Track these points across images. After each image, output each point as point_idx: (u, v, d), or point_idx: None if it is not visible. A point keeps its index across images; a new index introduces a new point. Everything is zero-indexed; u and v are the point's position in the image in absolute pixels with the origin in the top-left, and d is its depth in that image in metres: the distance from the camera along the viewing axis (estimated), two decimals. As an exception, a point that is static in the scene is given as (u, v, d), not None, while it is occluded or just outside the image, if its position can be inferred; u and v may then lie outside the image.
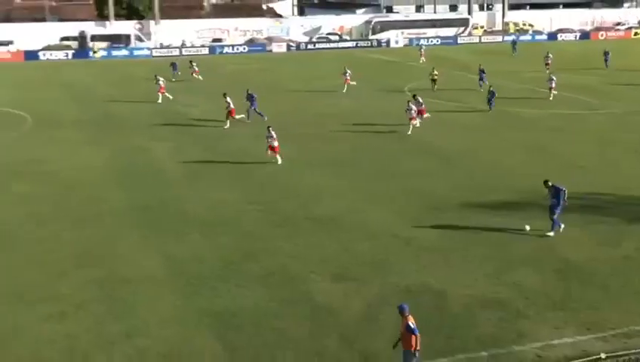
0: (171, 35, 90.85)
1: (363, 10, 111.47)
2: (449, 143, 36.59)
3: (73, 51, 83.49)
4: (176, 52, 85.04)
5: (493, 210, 25.93)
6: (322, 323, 17.77)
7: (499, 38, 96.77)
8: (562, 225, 23.17)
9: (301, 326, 17.61)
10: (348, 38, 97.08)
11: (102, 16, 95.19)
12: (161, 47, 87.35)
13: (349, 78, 54.06)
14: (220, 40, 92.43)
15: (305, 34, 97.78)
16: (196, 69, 61.56)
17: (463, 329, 17.30)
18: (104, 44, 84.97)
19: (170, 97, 49.71)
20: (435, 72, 53.86)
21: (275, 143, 32.42)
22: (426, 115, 40.60)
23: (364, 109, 46.03)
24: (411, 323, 14.60)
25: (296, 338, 17.00)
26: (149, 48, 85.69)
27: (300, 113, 45.59)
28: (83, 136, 39.72)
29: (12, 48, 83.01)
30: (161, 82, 50.43)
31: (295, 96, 52.67)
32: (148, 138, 38.90)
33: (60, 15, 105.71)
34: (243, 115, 41.91)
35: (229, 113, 41.08)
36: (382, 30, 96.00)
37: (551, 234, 23.05)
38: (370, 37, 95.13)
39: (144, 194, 28.48)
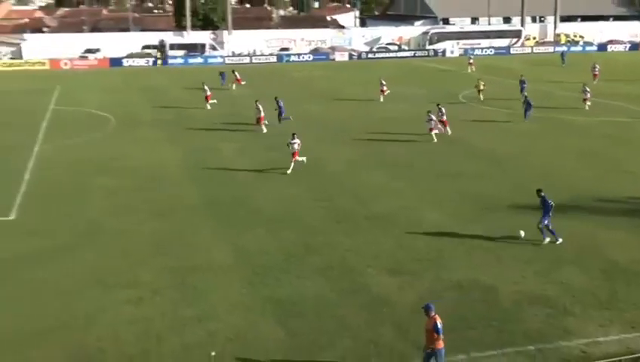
0: (243, 44, 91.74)
1: (421, 21, 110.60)
2: (501, 148, 36.04)
3: (153, 59, 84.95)
4: (246, 60, 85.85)
5: (543, 211, 25.44)
6: (378, 313, 17.70)
7: (550, 49, 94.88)
8: (547, 239, 22.12)
9: (358, 316, 17.57)
10: (406, 48, 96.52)
11: (180, 27, 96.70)
12: (233, 55, 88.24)
13: (385, 88, 53.12)
14: (287, 49, 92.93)
15: (366, 44, 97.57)
16: (238, 77, 60.33)
17: (511, 323, 17.01)
18: (181, 52, 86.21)
19: (215, 102, 49.76)
20: (482, 82, 52.20)
21: (296, 149, 31.22)
22: (447, 126, 38.74)
23: (421, 115, 45.61)
24: (439, 322, 14.29)
25: (353, 326, 16.97)
26: (222, 56, 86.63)
27: (360, 117, 45.48)
28: (160, 136, 40.41)
29: (99, 55, 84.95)
30: (207, 90, 49.98)
31: (355, 101, 52.59)
32: (218, 139, 39.34)
33: (142, 25, 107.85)
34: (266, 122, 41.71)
35: (259, 119, 41.05)
36: (438, 41, 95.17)
37: (546, 241, 22.09)
38: (427, 47, 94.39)
39: (215, 190, 28.83)
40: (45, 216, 25.70)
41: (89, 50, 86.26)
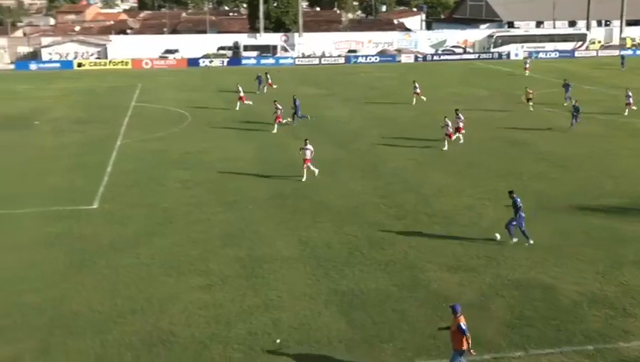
0: (312, 46, 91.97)
1: (486, 25, 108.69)
2: (563, 149, 35.07)
3: (228, 59, 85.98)
4: (315, 61, 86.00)
5: (606, 212, 24.68)
6: (437, 308, 17.45)
7: (615, 52, 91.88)
8: (515, 239, 21.60)
9: (418, 310, 17.37)
10: (471, 50, 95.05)
11: (253, 29, 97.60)
12: (303, 56, 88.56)
13: (418, 91, 51.65)
14: (354, 51, 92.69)
15: (431, 46, 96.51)
16: (270, 80, 58.33)
17: (570, 323, 16.52)
18: (254, 53, 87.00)
19: (250, 103, 49.17)
20: (530, 91, 47.43)
21: (308, 155, 29.43)
22: (461, 132, 36.76)
23: (485, 116, 44.89)
24: (462, 323, 13.90)
25: (413, 320, 16.79)
26: (292, 57, 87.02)
27: (425, 117, 44.98)
28: (232, 132, 40.84)
29: (178, 56, 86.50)
30: (240, 91, 49.42)
31: (420, 102, 52.03)
32: (287, 136, 39.50)
33: (218, 28, 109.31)
34: (289, 119, 41.97)
35: (276, 118, 40.93)
36: (503, 44, 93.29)
37: (531, 242, 21.49)
38: (492, 50, 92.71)
39: (283, 184, 28.97)
40: (124, 206, 26.28)
41: (168, 51, 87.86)
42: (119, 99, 54.66)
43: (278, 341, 15.89)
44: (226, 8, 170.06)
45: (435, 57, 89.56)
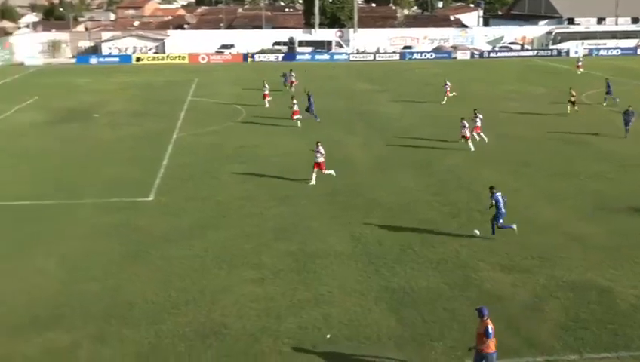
0: (367, 41, 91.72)
1: (545, 21, 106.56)
2: (624, 149, 34.16)
3: (283, 54, 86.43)
4: (370, 57, 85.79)
5: (665, 215, 23.96)
6: (489, 308, 17.14)
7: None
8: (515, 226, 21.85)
9: (469, 309, 17.12)
10: (529, 47, 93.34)
11: (308, 25, 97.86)
12: (358, 52, 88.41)
13: (448, 90, 50.60)
14: (409, 47, 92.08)
15: (488, 43, 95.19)
16: (293, 79, 56.62)
17: (629, 327, 16.08)
18: (308, 49, 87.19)
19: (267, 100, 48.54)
20: (573, 93, 43.77)
21: (321, 159, 28.26)
22: (478, 132, 35.61)
23: (542, 113, 44.06)
24: (490, 327, 13.57)
25: (464, 319, 16.61)
26: (347, 53, 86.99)
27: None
28: (287, 127, 41.04)
29: (233, 51, 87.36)
30: (266, 89, 49.04)
31: (476, 98, 51.38)
32: (342, 132, 39.54)
33: (274, 23, 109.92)
34: (299, 117, 41.57)
35: (293, 114, 41.04)
36: (562, 41, 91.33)
37: (492, 235, 21.79)
38: (551, 47, 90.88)
39: (337, 180, 28.98)
40: (179, 199, 26.71)
41: (224, 46, 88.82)
42: (176, 94, 55.55)
43: (328, 336, 15.94)
44: (282, 4, 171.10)
45: (492, 54, 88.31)
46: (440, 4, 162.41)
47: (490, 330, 13.50)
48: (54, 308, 17.40)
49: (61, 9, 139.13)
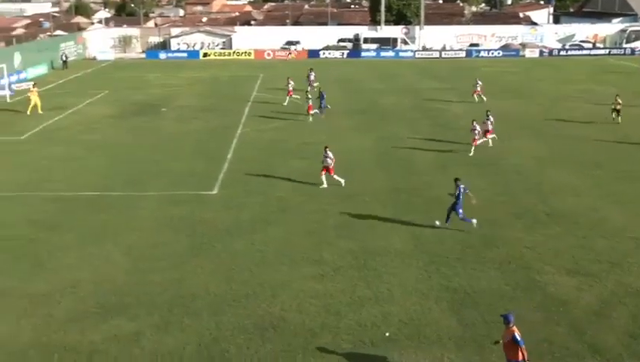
0: (433, 39, 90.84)
1: (619, 19, 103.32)
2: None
3: (348, 51, 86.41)
4: (436, 54, 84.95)
5: None
6: (553, 312, 16.89)
7: None
8: (474, 221, 22.35)
9: (532, 313, 16.86)
10: (601, 45, 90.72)
11: (374, 22, 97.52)
12: (424, 49, 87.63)
13: (479, 89, 49.12)
14: (476, 45, 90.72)
15: (558, 41, 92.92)
16: (312, 77, 54.06)
17: (699, 336, 15.53)
18: (374, 46, 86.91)
19: (298, 97, 48.01)
20: (619, 100, 40.08)
21: (330, 164, 27.40)
22: (491, 136, 34.46)
23: (610, 114, 42.80)
24: (517, 334, 13.13)
25: (527, 322, 16.26)
26: (412, 50, 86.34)
27: (547, 114, 43.46)
28: (351, 124, 41.07)
29: (299, 47, 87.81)
30: (290, 86, 48.18)
31: (544, 97, 50.33)
32: (406, 129, 39.31)
33: (339, 20, 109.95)
34: (316, 111, 42.27)
35: (308, 108, 42.06)
36: (636, 39, 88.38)
37: (447, 224, 22.44)
38: (624, 45, 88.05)
39: (399, 178, 28.88)
40: (242, 193, 27.03)
41: (290, 42, 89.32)
42: (241, 89, 56.22)
43: (387, 334, 15.91)
44: (348, 1, 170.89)
45: (562, 52, 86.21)
46: (509, 1, 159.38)
47: (518, 337, 13.10)
48: (120, 297, 17.90)
49: (132, 5, 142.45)
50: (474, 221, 22.41)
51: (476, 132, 32.97)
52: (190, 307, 17.34)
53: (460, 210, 22.27)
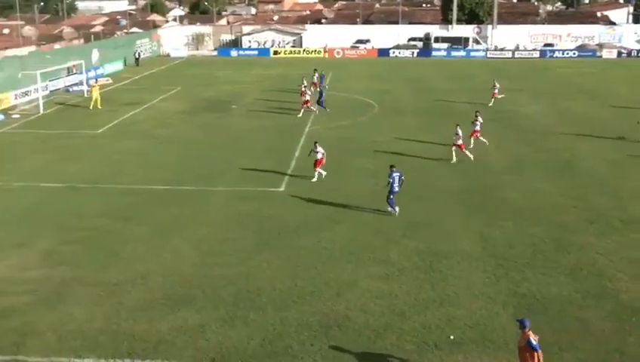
0: (506, 38, 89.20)
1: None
2: None
3: (418, 50, 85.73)
4: (508, 54, 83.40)
5: None
6: (626, 321, 16.35)
7: None
8: (397, 209, 23.65)
9: (603, 321, 16.36)
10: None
11: (446, 21, 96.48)
12: (496, 49, 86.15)
13: (496, 91, 47.52)
14: (551, 45, 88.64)
15: (638, 41, 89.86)
16: (315, 80, 52.41)
17: None
18: (444, 45, 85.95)
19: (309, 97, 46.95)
20: None
21: (319, 157, 28.21)
22: (478, 138, 33.56)
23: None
24: (533, 339, 12.67)
25: (597, 331, 15.85)
26: (484, 50, 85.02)
27: (623, 116, 42.01)
28: (419, 123, 40.75)
29: (368, 46, 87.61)
30: (303, 86, 46.81)
31: (620, 99, 48.72)
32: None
33: (410, 19, 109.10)
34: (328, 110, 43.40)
35: (306, 102, 43.39)
36: None
37: (389, 210, 23.78)
38: None
39: (468, 179, 28.49)
40: (309, 190, 27.14)
41: (360, 41, 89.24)
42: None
43: (451, 337, 15.72)
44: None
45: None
46: (586, 0, 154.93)
47: (533, 342, 12.71)
48: (187, 289, 18.25)
49: (206, 3, 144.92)
50: (396, 209, 23.71)
51: (459, 138, 31.19)
52: (255, 302, 17.53)
53: (391, 196, 23.66)
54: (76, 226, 23.20)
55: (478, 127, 33.78)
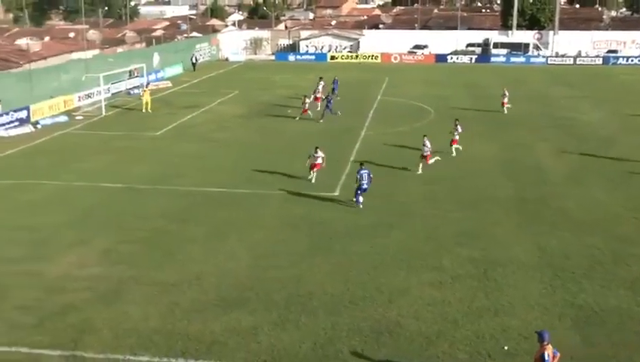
0: (567, 44, 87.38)
1: None
2: None
3: (476, 56, 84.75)
4: (569, 61, 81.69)
5: None
6: (689, 337, 15.82)
7: None
8: (360, 204, 24.98)
9: (665, 337, 15.87)
10: None
11: (505, 26, 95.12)
12: (557, 55, 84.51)
13: (506, 100, 46.22)
14: (614, 51, 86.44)
15: None
16: (320, 88, 49.84)
17: None
18: (504, 51, 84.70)
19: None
20: None
21: (318, 161, 28.55)
22: (456, 146, 33.59)
23: None
24: (547, 353, 12.32)
25: (658, 347, 15.39)
26: (544, 56, 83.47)
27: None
28: (477, 130, 40.21)
29: (426, 51, 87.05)
30: (319, 92, 46.75)
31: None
32: (535, 137, 38.10)
33: (469, 24, 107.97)
34: (338, 112, 43.74)
35: (303, 111, 43.70)
36: None
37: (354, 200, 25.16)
38: None
39: (524, 187, 28.04)
40: (363, 195, 27.07)
41: (417, 46, 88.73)
42: (366, 92, 56.42)
43: (505, 348, 15.47)
44: (479, 4, 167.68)
45: None
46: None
47: (546, 357, 12.44)
48: (241, 292, 18.44)
49: (264, 8, 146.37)
50: (360, 201, 25.10)
51: (426, 149, 30.31)
52: (307, 305, 17.59)
53: (358, 191, 25.09)
54: (135, 226, 23.71)
55: (457, 136, 34.05)
